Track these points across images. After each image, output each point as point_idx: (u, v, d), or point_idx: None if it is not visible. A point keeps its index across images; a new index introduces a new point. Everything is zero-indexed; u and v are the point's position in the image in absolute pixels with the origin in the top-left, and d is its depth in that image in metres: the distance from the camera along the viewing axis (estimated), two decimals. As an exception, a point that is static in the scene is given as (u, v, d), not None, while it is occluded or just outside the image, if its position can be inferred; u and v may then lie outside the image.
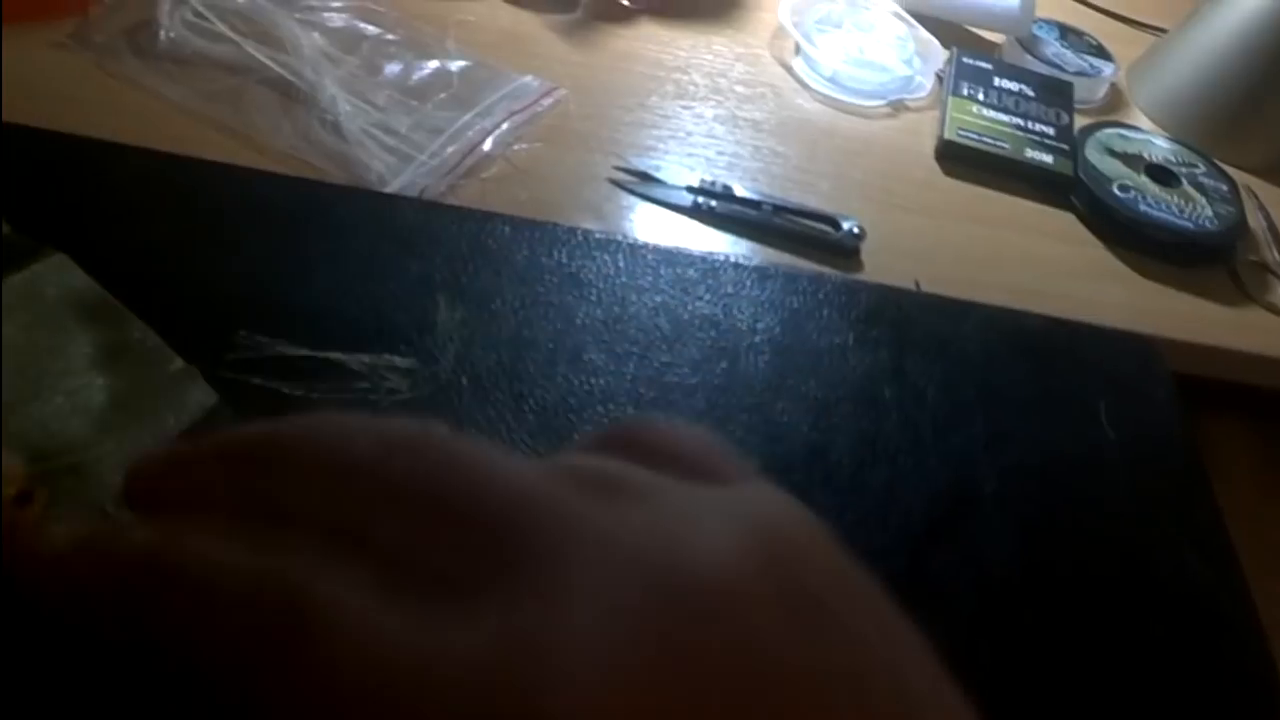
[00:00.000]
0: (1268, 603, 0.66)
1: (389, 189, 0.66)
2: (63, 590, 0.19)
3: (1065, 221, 0.82)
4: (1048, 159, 0.84)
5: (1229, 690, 0.54)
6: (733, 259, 0.67)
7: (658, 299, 0.62)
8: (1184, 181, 0.84)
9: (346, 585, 0.17)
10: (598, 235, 0.65)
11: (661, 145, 0.78)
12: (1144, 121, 0.96)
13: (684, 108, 0.83)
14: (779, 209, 0.74)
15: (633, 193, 0.73)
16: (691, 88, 0.85)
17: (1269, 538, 0.83)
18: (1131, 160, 0.85)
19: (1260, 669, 0.54)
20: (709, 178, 0.75)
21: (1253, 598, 0.58)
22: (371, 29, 0.77)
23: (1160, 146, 0.88)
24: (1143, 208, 0.81)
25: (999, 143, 0.84)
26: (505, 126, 0.73)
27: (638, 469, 0.20)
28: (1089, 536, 0.57)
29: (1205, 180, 0.85)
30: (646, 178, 0.74)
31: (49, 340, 0.49)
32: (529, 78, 0.77)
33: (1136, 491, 0.59)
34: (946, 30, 0.97)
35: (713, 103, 0.84)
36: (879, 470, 0.56)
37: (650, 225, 0.72)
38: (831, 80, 0.90)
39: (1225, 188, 0.85)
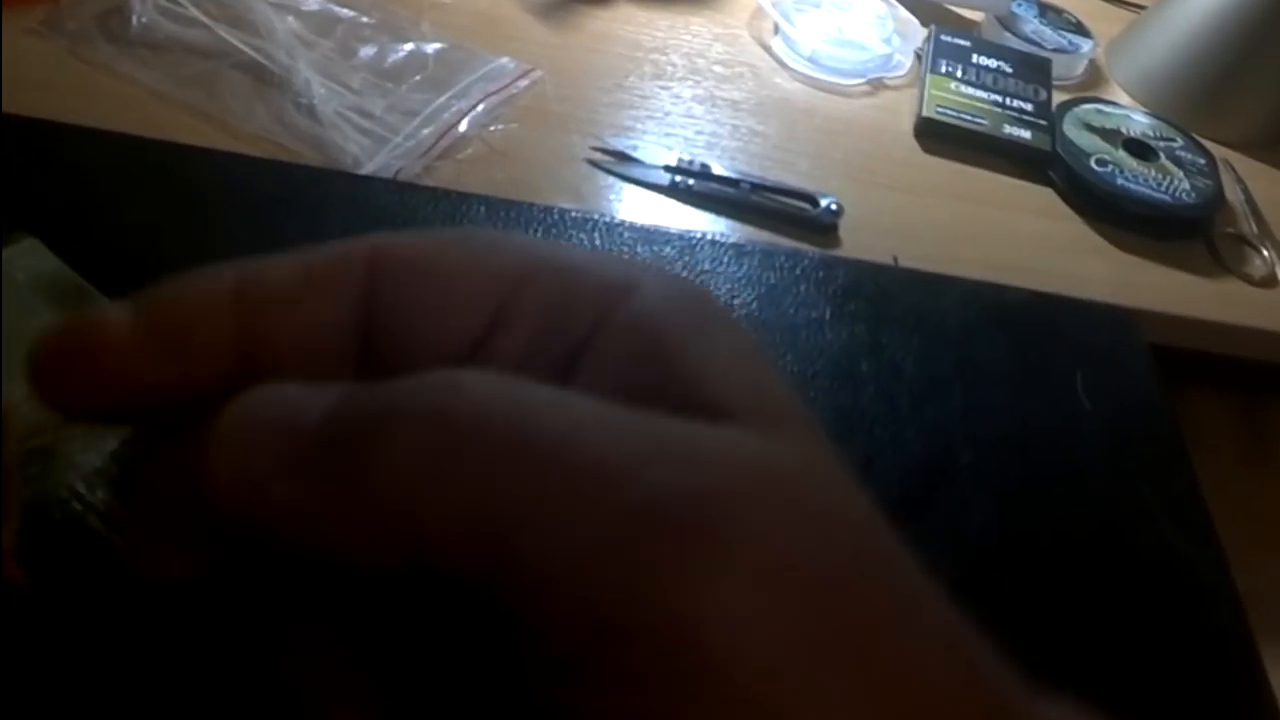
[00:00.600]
0: (1252, 572, 0.66)
1: (364, 171, 0.66)
2: None
3: (1044, 196, 0.83)
4: (1026, 135, 0.84)
5: (1206, 654, 0.54)
6: (710, 236, 0.67)
7: (634, 276, 0.62)
8: (1161, 155, 0.84)
9: None
10: (574, 214, 0.65)
11: (639, 125, 0.78)
12: (1123, 97, 0.96)
13: (662, 88, 0.83)
14: (757, 187, 0.74)
15: (610, 172, 0.73)
16: (670, 68, 0.85)
17: (1253, 509, 0.84)
18: (1109, 135, 0.85)
19: (1236, 633, 0.55)
20: (687, 157, 0.75)
21: (1228, 563, 0.58)
22: (346, 12, 0.77)
23: (1138, 121, 0.88)
24: (1120, 181, 0.81)
25: (977, 119, 0.84)
26: (481, 108, 0.73)
27: None
28: (1066, 505, 0.57)
29: (1183, 154, 0.85)
30: (624, 158, 0.74)
31: (20, 324, 0.48)
32: (505, 59, 0.77)
33: (1113, 460, 0.60)
34: (926, 8, 0.97)
35: (691, 83, 0.84)
36: (856, 443, 0.56)
37: (628, 205, 0.72)
38: (811, 59, 0.90)
39: (1203, 161, 0.85)
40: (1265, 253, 0.82)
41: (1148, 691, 0.52)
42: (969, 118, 0.84)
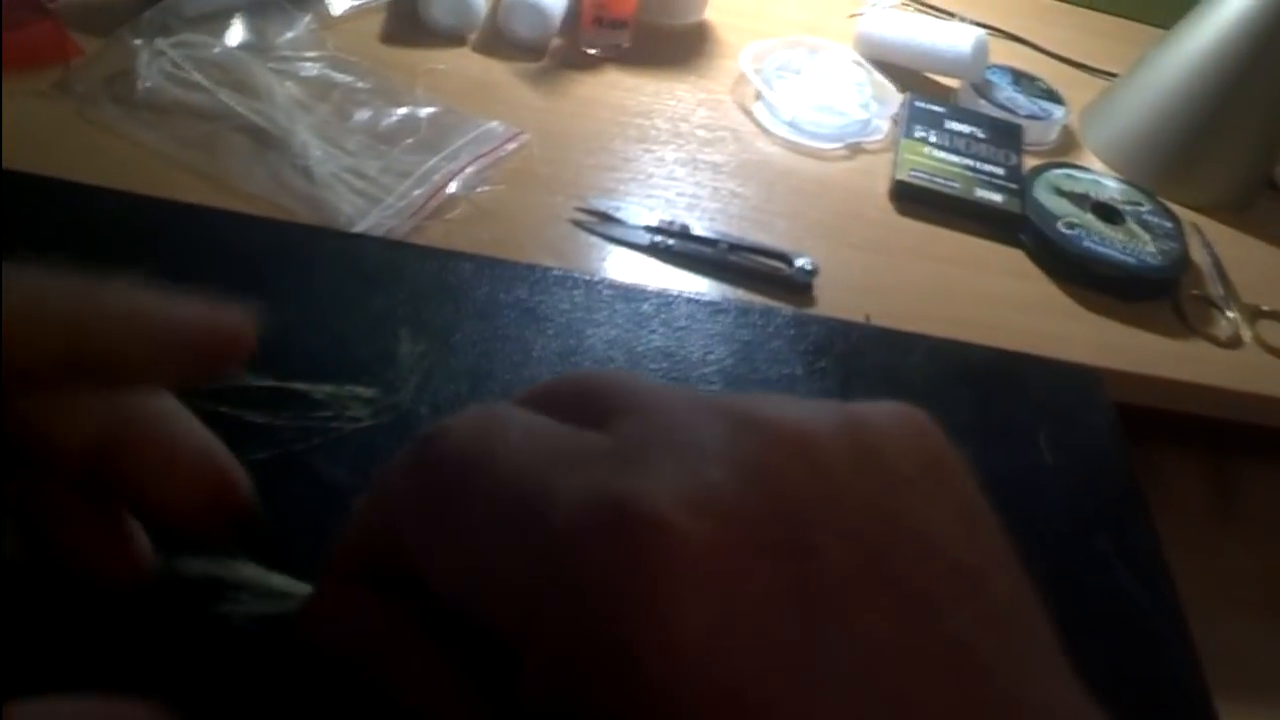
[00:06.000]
0: (1217, 630, 0.68)
1: (356, 229, 0.69)
2: None
3: (1014, 258, 0.85)
4: (997, 198, 0.87)
5: (1161, 705, 0.55)
6: (687, 294, 0.69)
7: (612, 333, 0.64)
8: (1129, 219, 0.87)
9: None
10: (555, 272, 0.67)
11: (623, 187, 0.81)
12: (1095, 163, 0.99)
13: (645, 151, 0.86)
14: (734, 247, 0.77)
15: (593, 232, 0.76)
16: (654, 132, 0.89)
17: (1219, 567, 0.85)
18: (1078, 199, 0.88)
19: (1191, 683, 0.56)
20: (668, 218, 0.78)
21: (1186, 615, 0.59)
22: (343, 77, 0.81)
23: (1107, 186, 0.91)
24: (1087, 244, 0.84)
25: (950, 182, 0.88)
26: (470, 170, 0.76)
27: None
28: (1025, 557, 0.59)
29: (1150, 218, 0.88)
30: (607, 218, 0.77)
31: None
32: (494, 123, 0.80)
33: (1072, 512, 0.62)
34: (903, 75, 1.00)
35: (674, 146, 0.88)
36: (823, 494, 0.58)
37: (610, 264, 0.74)
38: (791, 124, 0.93)
39: (1170, 225, 0.88)
40: (1230, 314, 0.85)
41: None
42: (942, 181, 0.88)
